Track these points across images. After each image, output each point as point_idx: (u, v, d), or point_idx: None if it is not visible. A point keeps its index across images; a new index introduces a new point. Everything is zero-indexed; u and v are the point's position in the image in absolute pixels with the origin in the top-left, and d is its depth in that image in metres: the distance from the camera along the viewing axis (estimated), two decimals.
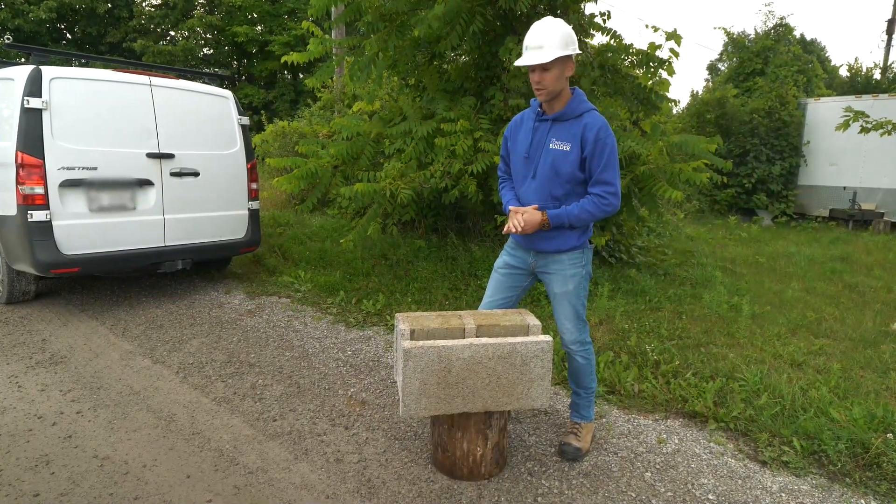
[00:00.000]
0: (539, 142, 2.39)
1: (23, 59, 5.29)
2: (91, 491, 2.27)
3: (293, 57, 5.16)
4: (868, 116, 7.04)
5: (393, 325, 4.16)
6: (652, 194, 4.62)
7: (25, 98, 3.95)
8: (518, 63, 2.28)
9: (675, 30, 4.88)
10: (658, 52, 5.14)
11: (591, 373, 2.58)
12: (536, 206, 2.39)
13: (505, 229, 2.39)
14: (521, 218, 2.34)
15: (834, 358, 3.71)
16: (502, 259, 2.62)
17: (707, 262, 6.50)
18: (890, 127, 6.94)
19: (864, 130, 7.09)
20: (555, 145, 2.34)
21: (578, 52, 2.33)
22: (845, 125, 6.89)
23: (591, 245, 2.54)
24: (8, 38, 20.90)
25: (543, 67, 2.23)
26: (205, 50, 24.69)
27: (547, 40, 2.22)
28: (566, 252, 2.43)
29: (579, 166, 2.32)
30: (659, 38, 5.05)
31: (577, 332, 2.48)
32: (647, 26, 8.01)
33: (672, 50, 4.99)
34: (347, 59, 6.26)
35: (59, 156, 4.07)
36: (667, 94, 5.47)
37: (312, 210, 6.74)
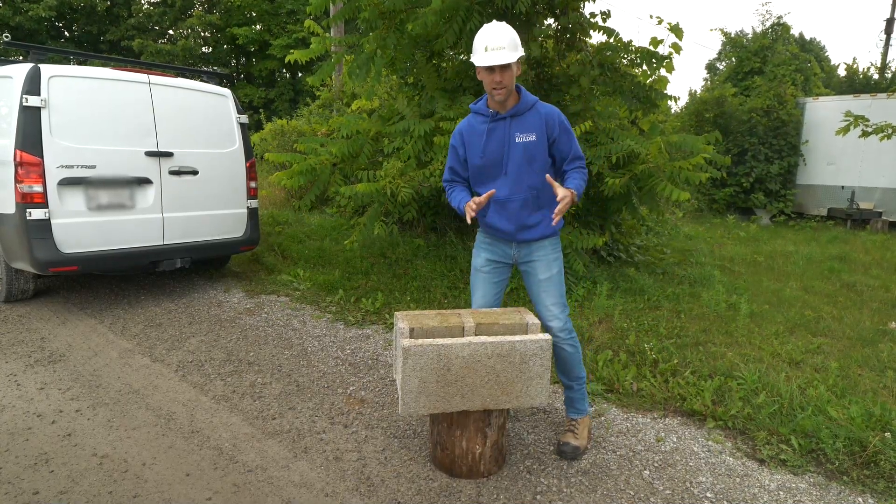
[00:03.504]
0: (502, 139, 2.46)
1: (21, 57, 5.29)
2: (90, 489, 2.27)
3: (296, 55, 5.13)
4: (868, 121, 7.03)
5: (392, 323, 4.16)
6: (651, 193, 4.62)
7: (24, 96, 3.94)
8: (485, 62, 2.31)
9: (678, 23, 4.85)
10: (659, 48, 5.11)
11: (580, 361, 2.62)
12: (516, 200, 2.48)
13: (556, 220, 2.31)
14: (566, 202, 2.29)
15: (832, 357, 3.72)
16: (482, 257, 2.66)
17: (705, 261, 6.51)
18: (890, 131, 6.92)
19: (864, 135, 7.09)
20: (521, 138, 2.44)
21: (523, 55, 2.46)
22: (845, 130, 6.89)
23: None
24: (7, 37, 20.87)
25: (505, 67, 2.33)
26: (204, 49, 24.65)
27: (507, 42, 2.32)
28: (549, 237, 2.57)
29: (547, 152, 2.48)
30: (661, 31, 5.03)
31: (564, 318, 2.55)
32: (651, 16, 7.98)
33: (674, 44, 4.96)
34: (347, 58, 6.24)
35: (58, 154, 4.06)
36: (665, 91, 5.47)
37: (311, 208, 6.74)
